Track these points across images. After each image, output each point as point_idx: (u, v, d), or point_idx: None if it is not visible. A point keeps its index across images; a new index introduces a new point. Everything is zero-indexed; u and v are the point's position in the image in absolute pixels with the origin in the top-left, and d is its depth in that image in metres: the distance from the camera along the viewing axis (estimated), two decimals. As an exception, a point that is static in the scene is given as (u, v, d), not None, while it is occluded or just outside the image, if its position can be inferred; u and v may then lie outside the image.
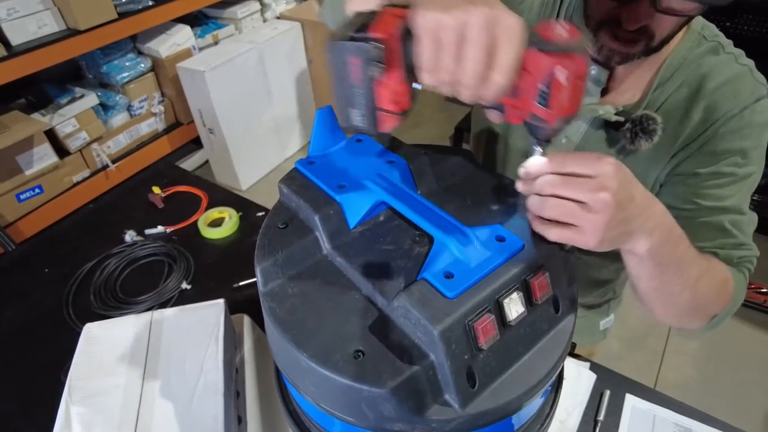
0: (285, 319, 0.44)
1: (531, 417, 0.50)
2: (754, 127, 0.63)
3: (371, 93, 0.43)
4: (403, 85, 0.43)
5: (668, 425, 0.77)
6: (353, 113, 0.45)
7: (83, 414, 0.63)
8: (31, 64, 1.81)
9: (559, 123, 0.42)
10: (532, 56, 0.39)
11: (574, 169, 0.43)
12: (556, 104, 0.40)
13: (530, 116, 0.43)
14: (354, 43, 0.40)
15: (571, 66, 0.38)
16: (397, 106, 0.43)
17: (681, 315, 0.61)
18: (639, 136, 0.64)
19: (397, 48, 0.41)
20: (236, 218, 1.16)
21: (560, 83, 0.39)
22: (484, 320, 0.40)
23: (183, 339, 0.72)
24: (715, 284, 0.60)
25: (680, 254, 0.52)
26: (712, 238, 0.65)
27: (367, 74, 0.41)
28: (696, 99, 0.64)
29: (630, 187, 0.44)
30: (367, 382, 0.39)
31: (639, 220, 0.45)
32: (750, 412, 1.69)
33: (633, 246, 0.47)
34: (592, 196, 0.42)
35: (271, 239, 0.51)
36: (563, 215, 0.43)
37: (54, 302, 0.99)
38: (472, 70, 0.38)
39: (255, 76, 2.53)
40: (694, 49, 0.66)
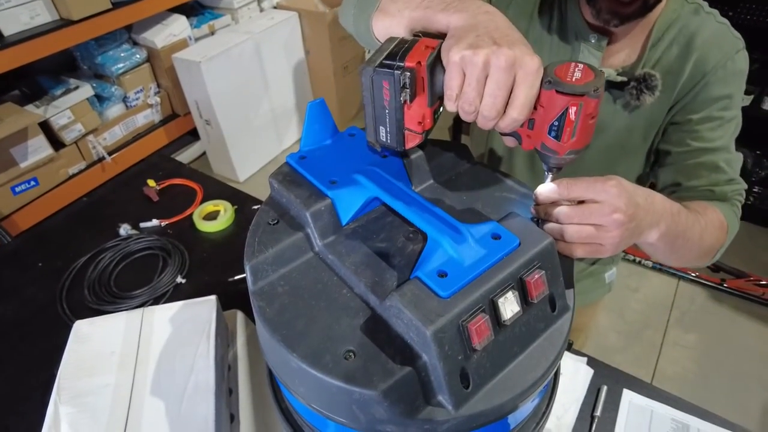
0: (275, 318, 0.43)
1: (527, 416, 0.49)
2: (736, 74, 0.72)
3: (400, 114, 0.48)
4: (427, 109, 0.48)
5: (666, 421, 0.77)
6: (382, 131, 0.50)
7: (72, 414, 0.62)
8: (24, 54, 1.79)
9: (569, 154, 0.47)
10: (548, 95, 0.44)
11: (582, 195, 0.48)
12: (567, 138, 0.45)
13: (542, 146, 0.47)
14: (387, 71, 0.45)
15: (582, 106, 0.43)
16: (421, 127, 0.49)
17: (692, 263, 0.72)
18: (643, 92, 0.71)
19: (425, 76, 0.46)
20: (231, 212, 1.15)
21: (572, 120, 0.44)
22: (478, 320, 0.39)
23: (174, 336, 0.71)
24: (714, 231, 0.68)
25: (683, 226, 0.59)
26: (706, 176, 0.73)
27: (396, 98, 0.46)
28: (687, 54, 0.72)
29: (634, 197, 0.49)
30: (358, 383, 0.38)
31: (646, 220, 0.52)
32: (747, 404, 1.69)
33: (646, 239, 0.54)
34: (606, 219, 0.47)
35: (261, 236, 0.50)
36: (584, 239, 0.48)
37: (48, 297, 0.99)
38: (492, 105, 0.44)
39: (252, 67, 2.50)
40: (678, 11, 0.73)
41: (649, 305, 2.04)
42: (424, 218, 0.46)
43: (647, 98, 0.71)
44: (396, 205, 0.49)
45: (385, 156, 0.57)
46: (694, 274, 2.09)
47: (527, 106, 0.44)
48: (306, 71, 2.86)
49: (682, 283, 2.11)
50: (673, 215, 0.57)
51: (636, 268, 2.17)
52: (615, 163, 0.81)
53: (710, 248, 0.70)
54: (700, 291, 2.07)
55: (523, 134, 0.48)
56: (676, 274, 2.11)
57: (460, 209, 0.54)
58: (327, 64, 2.78)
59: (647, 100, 0.72)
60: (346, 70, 2.90)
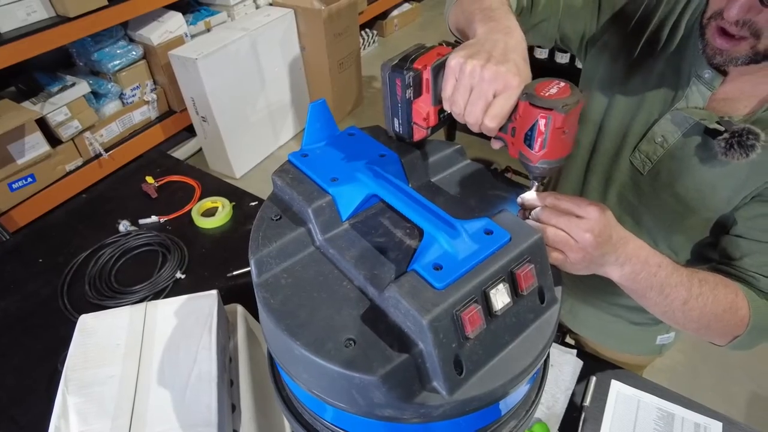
0: (278, 309, 0.46)
1: (518, 403, 0.52)
2: None
3: (409, 109, 0.55)
4: (431, 107, 0.55)
5: (651, 410, 0.80)
6: (395, 122, 0.58)
7: (79, 404, 0.64)
8: (20, 51, 1.79)
9: (542, 164, 0.51)
10: (523, 106, 0.49)
11: (568, 207, 0.52)
12: (539, 148, 0.50)
13: (520, 154, 0.52)
14: (398, 71, 0.52)
15: (550, 119, 0.47)
16: (426, 123, 0.56)
17: (689, 330, 0.65)
18: (734, 148, 0.60)
19: (429, 78, 0.53)
20: (229, 208, 1.17)
21: (542, 131, 0.48)
22: (471, 310, 0.41)
23: (177, 329, 0.73)
24: (713, 308, 0.61)
25: (660, 281, 0.57)
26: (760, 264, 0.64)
27: (405, 95, 0.53)
28: None
29: (609, 229, 0.52)
30: (358, 369, 0.40)
31: (611, 256, 0.54)
32: (734, 394, 1.73)
33: (607, 273, 0.56)
34: (579, 234, 0.50)
35: (264, 231, 0.52)
36: (557, 242, 0.52)
37: (49, 292, 1.00)
38: (471, 112, 0.50)
39: (248, 64, 2.51)
40: None
41: (639, 300, 2.07)
42: (421, 214, 0.48)
43: (736, 156, 0.60)
44: (394, 202, 0.51)
45: (383, 155, 0.59)
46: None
47: (500, 116, 0.49)
48: (302, 68, 2.87)
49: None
50: (646, 263, 0.56)
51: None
52: (687, 214, 0.71)
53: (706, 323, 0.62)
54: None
55: (508, 140, 0.53)
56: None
57: (454, 206, 0.56)
58: (323, 61, 2.79)
59: (736, 158, 0.60)
60: (341, 66, 2.92)
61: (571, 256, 0.52)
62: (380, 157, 0.58)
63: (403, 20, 4.11)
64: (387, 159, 0.58)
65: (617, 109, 0.75)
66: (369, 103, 3.35)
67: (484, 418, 0.47)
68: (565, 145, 0.50)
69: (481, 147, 2.81)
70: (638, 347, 0.99)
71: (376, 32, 3.92)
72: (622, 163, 0.76)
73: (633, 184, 0.71)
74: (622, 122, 0.75)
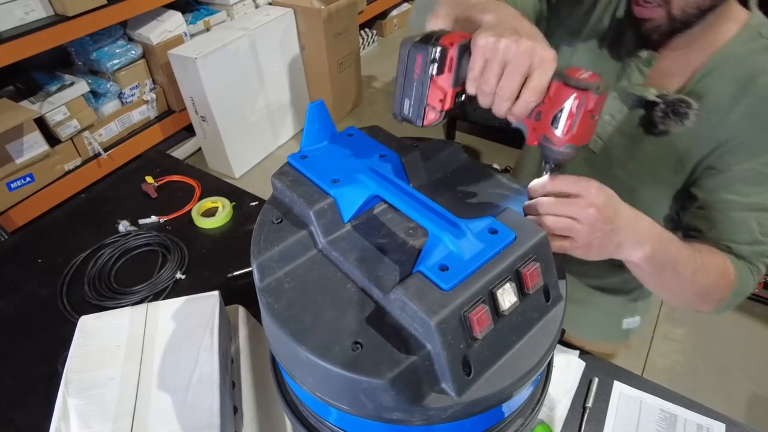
0: (282, 313, 0.45)
1: (522, 404, 0.51)
2: None
3: (426, 88, 0.52)
4: (450, 89, 0.52)
5: (654, 411, 0.80)
6: (406, 103, 0.54)
7: (80, 406, 0.63)
8: (18, 50, 1.78)
9: (566, 148, 0.49)
10: (556, 86, 0.47)
11: (567, 188, 0.51)
12: (566, 130, 0.48)
13: (543, 137, 0.50)
14: (422, 45, 0.50)
15: (584, 100, 0.46)
16: (441, 105, 0.53)
17: (686, 303, 0.67)
18: (669, 117, 0.66)
19: (454, 56, 0.50)
20: (230, 208, 1.16)
21: (572, 112, 0.47)
22: (478, 311, 0.41)
23: (178, 331, 0.72)
24: (713, 275, 0.64)
25: (674, 256, 0.58)
26: (729, 231, 0.67)
27: (426, 71, 0.50)
28: (742, 94, 0.65)
29: (614, 204, 0.51)
30: (366, 373, 0.40)
31: (627, 232, 0.52)
32: (733, 395, 1.73)
33: (627, 255, 0.54)
34: (581, 213, 0.49)
35: (266, 234, 0.52)
36: (559, 229, 0.50)
37: (48, 293, 1.00)
38: (507, 87, 0.47)
39: (247, 63, 2.50)
40: (747, 45, 0.65)
41: (639, 300, 2.07)
42: (425, 215, 0.48)
43: (672, 124, 0.67)
44: (397, 202, 0.50)
45: (383, 155, 0.59)
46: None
47: (539, 90, 0.47)
48: (301, 67, 2.86)
49: (672, 278, 2.14)
50: (661, 240, 0.56)
51: (627, 263, 2.20)
52: (640, 187, 0.76)
53: (706, 292, 0.65)
54: (690, 286, 2.11)
55: (530, 126, 0.51)
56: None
57: (457, 205, 0.56)
58: (322, 61, 2.78)
59: (672, 126, 0.67)
60: (341, 66, 2.91)
61: (579, 239, 0.50)
62: (380, 158, 0.58)
63: (402, 20, 4.11)
64: (387, 159, 0.58)
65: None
66: (368, 103, 3.35)
67: (491, 418, 0.47)
68: (591, 130, 0.49)
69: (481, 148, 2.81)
70: (605, 333, 1.01)
71: (375, 32, 3.91)
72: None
73: (587, 164, 0.73)
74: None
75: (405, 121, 0.57)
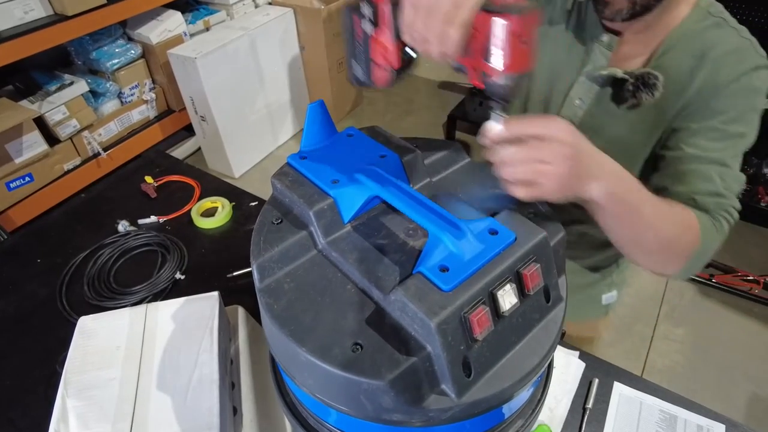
0: (282, 314, 0.45)
1: (522, 405, 0.51)
2: (749, 91, 0.69)
3: (368, 47, 0.54)
4: (391, 43, 0.53)
5: (654, 412, 0.79)
6: (354, 65, 0.56)
7: (79, 407, 0.63)
8: (18, 50, 1.78)
9: (504, 80, 0.47)
10: (480, 16, 0.46)
11: (532, 131, 0.49)
12: (497, 59, 0.47)
13: (483, 75, 0.49)
14: (354, 5, 0.52)
15: (507, 25, 0.45)
16: (386, 62, 0.54)
17: (653, 257, 0.68)
18: (640, 89, 0.71)
19: (387, 11, 0.52)
20: (229, 208, 1.16)
21: (499, 39, 0.46)
22: (479, 312, 0.41)
23: (178, 332, 0.72)
24: (677, 225, 0.64)
25: (635, 198, 0.58)
26: (692, 183, 0.70)
27: (364, 30, 0.53)
28: (699, 66, 0.70)
29: (581, 141, 0.52)
30: (367, 374, 0.39)
31: (591, 168, 0.53)
32: (733, 396, 1.73)
33: (589, 193, 0.54)
34: (550, 153, 0.49)
35: (266, 235, 0.52)
36: (530, 176, 0.49)
37: (47, 293, 0.99)
38: (434, 27, 0.48)
39: (247, 63, 2.50)
40: (699, 23, 0.71)
41: (639, 300, 2.07)
42: (425, 215, 0.48)
43: (644, 96, 0.71)
44: (397, 203, 0.50)
45: (383, 156, 0.59)
46: (684, 270, 2.13)
47: (461, 24, 0.47)
48: (301, 67, 2.86)
49: (671, 278, 2.14)
50: (622, 179, 0.57)
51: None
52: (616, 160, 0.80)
53: (671, 244, 0.66)
54: (690, 286, 2.11)
55: (468, 65, 0.50)
56: (666, 269, 2.15)
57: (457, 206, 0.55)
58: (322, 60, 2.78)
59: (644, 98, 0.71)
60: (341, 66, 2.91)
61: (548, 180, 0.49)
62: (380, 158, 0.58)
63: (402, 20, 4.10)
64: (387, 159, 0.58)
65: (538, 83, 0.84)
66: (368, 103, 3.34)
67: (491, 420, 0.47)
68: (526, 58, 0.47)
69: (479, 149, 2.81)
70: (586, 311, 1.05)
71: (375, 32, 3.91)
72: None
73: None
74: (544, 93, 0.84)
75: (360, 85, 0.58)
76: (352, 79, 0.58)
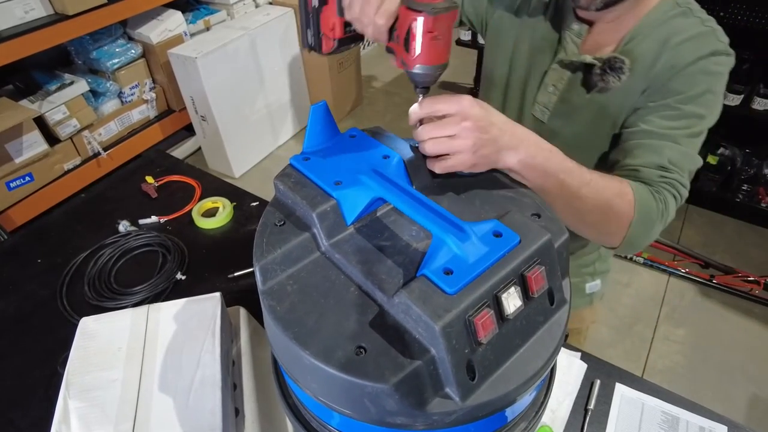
0: (285, 316, 0.45)
1: (525, 408, 0.51)
2: (706, 74, 0.72)
3: (318, 19, 0.60)
4: (337, 18, 0.59)
5: (656, 413, 0.79)
6: (308, 34, 0.62)
7: (81, 408, 0.63)
8: (18, 49, 1.78)
9: (420, 69, 0.53)
10: (402, 11, 0.52)
11: (441, 108, 0.54)
12: (412, 51, 0.52)
13: (402, 61, 0.55)
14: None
15: (422, 21, 0.49)
16: (333, 33, 0.61)
17: (588, 226, 0.70)
18: (608, 73, 0.75)
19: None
20: (230, 208, 1.16)
21: (414, 34, 0.51)
22: (483, 315, 0.41)
23: (180, 332, 0.72)
24: (605, 192, 0.66)
25: (555, 165, 0.61)
26: (640, 156, 0.73)
27: (313, 3, 0.59)
28: (662, 51, 0.74)
29: (488, 115, 0.55)
30: (370, 377, 0.39)
31: (504, 138, 0.56)
32: (734, 397, 1.73)
33: (505, 161, 0.58)
34: (457, 128, 0.53)
35: (268, 237, 0.52)
36: (442, 150, 0.55)
37: (48, 293, 0.99)
38: (367, 13, 0.54)
39: (247, 63, 2.50)
40: (667, 12, 0.75)
41: (640, 300, 2.07)
42: (429, 217, 0.48)
43: (611, 79, 0.75)
44: (401, 205, 0.50)
45: (386, 157, 0.58)
46: (685, 271, 2.13)
47: (386, 14, 0.53)
48: (301, 67, 2.86)
49: (672, 279, 2.14)
50: (539, 146, 0.60)
51: (627, 264, 2.20)
52: (585, 145, 0.84)
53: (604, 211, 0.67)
54: (690, 287, 2.11)
55: (397, 51, 0.56)
56: (667, 270, 2.15)
57: (460, 207, 0.55)
58: (322, 60, 2.78)
59: (611, 81, 0.75)
60: (341, 66, 2.91)
61: (462, 154, 0.54)
62: (383, 159, 0.58)
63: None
64: (390, 161, 0.57)
65: (516, 70, 0.89)
66: (369, 103, 3.34)
67: (494, 423, 0.47)
68: (439, 52, 0.52)
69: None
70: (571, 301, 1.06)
71: (375, 31, 3.91)
72: (526, 118, 0.90)
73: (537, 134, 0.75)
74: (521, 81, 0.89)
75: (311, 50, 0.64)
76: (304, 45, 0.64)
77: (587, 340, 1.21)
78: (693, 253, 2.15)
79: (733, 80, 2.10)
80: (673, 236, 2.29)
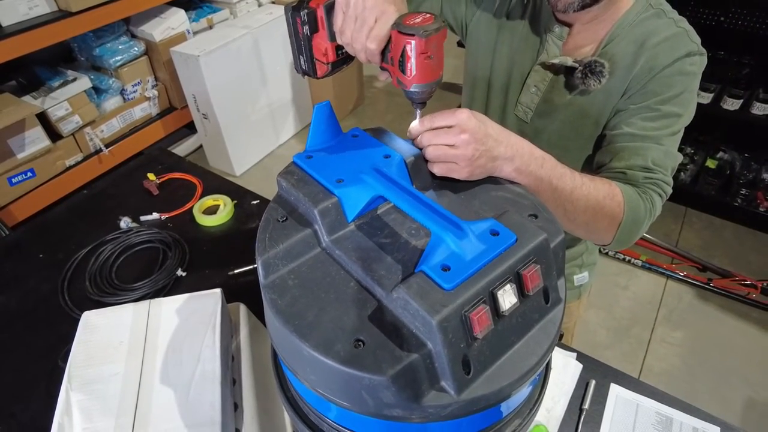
0: (286, 310, 0.46)
1: (520, 404, 0.52)
2: (684, 75, 0.75)
3: (309, 45, 0.62)
4: (328, 43, 0.61)
5: (650, 414, 0.80)
6: (301, 60, 0.64)
7: (83, 401, 0.64)
8: (21, 45, 1.79)
9: (416, 88, 0.56)
10: (394, 35, 0.55)
11: (440, 123, 0.58)
12: (409, 73, 0.55)
13: (398, 80, 0.57)
14: (296, 8, 0.59)
15: (414, 44, 0.52)
16: (326, 58, 0.62)
17: (581, 226, 0.72)
18: (588, 76, 0.77)
19: (322, 16, 0.59)
20: (231, 206, 1.17)
21: (409, 56, 0.54)
22: (479, 311, 0.41)
23: (181, 327, 0.73)
24: (595, 194, 0.69)
25: (548, 172, 0.64)
26: (626, 158, 0.76)
27: (305, 31, 0.60)
28: (640, 52, 0.76)
29: (484, 126, 0.58)
30: (368, 370, 0.40)
31: (500, 149, 0.59)
32: (730, 399, 1.74)
33: (501, 170, 0.60)
34: (455, 139, 0.56)
35: (271, 232, 0.52)
36: (441, 156, 0.58)
37: (49, 288, 1.00)
38: (359, 39, 0.57)
39: (250, 62, 2.51)
40: (641, 14, 0.78)
41: (637, 303, 2.08)
42: (428, 216, 0.48)
43: (592, 82, 0.77)
44: (401, 203, 0.51)
45: (387, 156, 0.59)
46: (683, 274, 2.14)
47: (379, 38, 0.56)
48: (303, 67, 2.87)
49: (670, 281, 2.15)
50: (532, 155, 0.62)
51: (626, 266, 2.21)
52: (569, 144, 0.87)
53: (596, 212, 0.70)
54: (688, 290, 2.12)
55: (390, 70, 0.58)
56: (665, 273, 2.16)
57: (459, 207, 0.56)
58: (324, 61, 2.79)
59: (592, 84, 0.77)
60: (342, 66, 2.92)
61: (459, 161, 0.57)
62: (384, 158, 0.58)
63: (404, 20, 4.11)
64: (391, 161, 0.58)
65: (497, 71, 0.91)
66: (370, 102, 3.35)
67: (489, 417, 0.48)
68: (433, 70, 0.55)
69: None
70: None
71: (377, 32, 3.91)
72: (509, 118, 0.92)
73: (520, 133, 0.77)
74: (503, 81, 0.90)
75: (305, 75, 0.65)
76: (297, 70, 0.66)
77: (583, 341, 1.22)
78: (691, 256, 2.15)
79: (733, 85, 2.12)
80: (671, 239, 2.30)
